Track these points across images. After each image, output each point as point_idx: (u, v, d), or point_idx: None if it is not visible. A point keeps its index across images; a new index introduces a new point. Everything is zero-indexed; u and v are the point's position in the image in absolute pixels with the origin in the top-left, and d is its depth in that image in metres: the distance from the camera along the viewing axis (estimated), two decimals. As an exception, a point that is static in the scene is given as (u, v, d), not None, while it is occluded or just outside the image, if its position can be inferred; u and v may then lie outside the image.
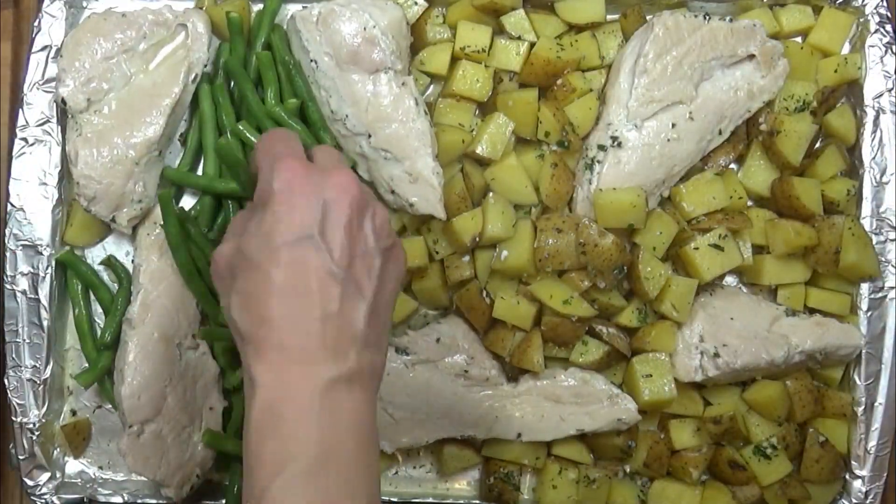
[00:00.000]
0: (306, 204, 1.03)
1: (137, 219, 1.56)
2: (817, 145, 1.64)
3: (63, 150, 1.56)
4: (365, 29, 1.51)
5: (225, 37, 1.61)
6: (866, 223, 1.60)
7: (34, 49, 1.58)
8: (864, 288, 1.60)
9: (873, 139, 1.61)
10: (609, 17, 1.64)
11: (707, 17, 1.57)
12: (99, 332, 1.57)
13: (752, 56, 1.57)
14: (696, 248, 1.54)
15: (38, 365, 1.54)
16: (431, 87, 1.65)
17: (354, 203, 1.05)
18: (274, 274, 1.01)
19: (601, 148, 1.55)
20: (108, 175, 1.50)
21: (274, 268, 1.01)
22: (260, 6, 1.62)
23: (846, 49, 1.66)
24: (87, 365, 1.58)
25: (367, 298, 1.04)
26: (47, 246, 1.55)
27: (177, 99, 1.54)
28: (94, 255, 1.62)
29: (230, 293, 1.06)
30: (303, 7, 1.58)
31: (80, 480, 1.59)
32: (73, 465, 1.60)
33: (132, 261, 1.59)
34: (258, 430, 1.00)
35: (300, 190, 1.04)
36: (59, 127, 1.57)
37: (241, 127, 1.53)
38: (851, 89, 1.65)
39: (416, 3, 1.63)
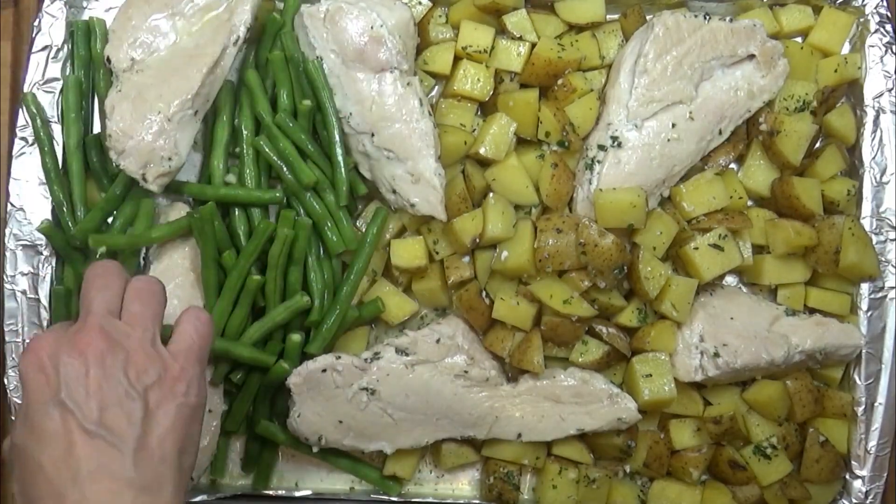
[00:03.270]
0: (35, 374, 1.08)
1: (166, 178, 1.50)
2: (817, 145, 1.64)
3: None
4: (372, 28, 1.51)
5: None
6: (866, 223, 1.60)
7: (34, 49, 1.58)
8: (864, 288, 1.60)
9: (873, 139, 1.61)
10: (609, 17, 1.64)
11: (707, 17, 1.57)
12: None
13: (752, 56, 1.57)
14: (696, 248, 1.54)
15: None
16: (436, 88, 1.65)
17: (93, 355, 1.08)
18: (33, 451, 1.06)
19: (601, 148, 1.55)
20: (139, 129, 1.47)
21: (34, 444, 1.06)
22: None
23: (846, 49, 1.66)
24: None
25: (129, 445, 1.06)
26: (47, 246, 1.54)
27: (216, 59, 1.51)
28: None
29: (12, 480, 1.10)
30: (310, 5, 1.57)
31: (80, 480, 1.59)
32: (73, 465, 1.60)
33: (144, 257, 1.58)
34: None
35: (33, 365, 1.08)
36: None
37: (260, 142, 1.53)
38: (851, 89, 1.65)
39: (419, 3, 1.63)
